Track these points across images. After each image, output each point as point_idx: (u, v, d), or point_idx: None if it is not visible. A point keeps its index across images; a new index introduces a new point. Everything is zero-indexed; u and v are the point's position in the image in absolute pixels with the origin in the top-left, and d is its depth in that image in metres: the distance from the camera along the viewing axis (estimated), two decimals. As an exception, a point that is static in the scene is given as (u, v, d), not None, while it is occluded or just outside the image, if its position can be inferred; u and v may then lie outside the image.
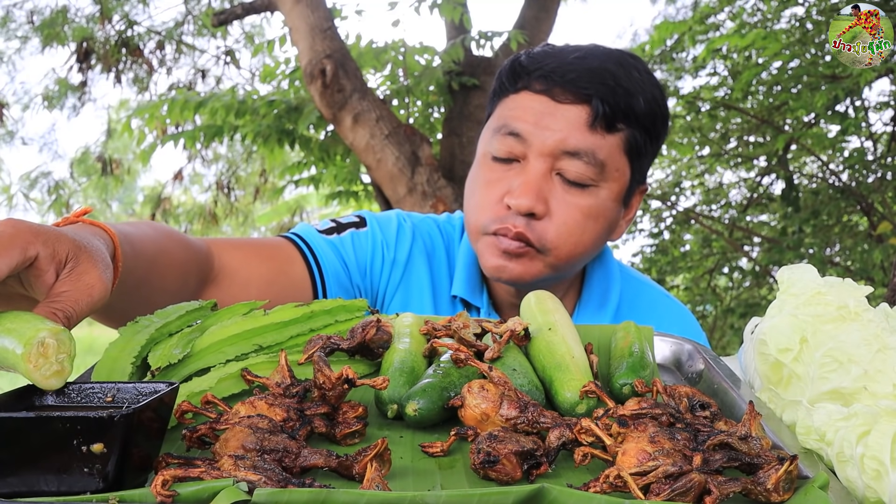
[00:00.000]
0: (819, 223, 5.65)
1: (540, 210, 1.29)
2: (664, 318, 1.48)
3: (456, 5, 4.48)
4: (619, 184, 1.34)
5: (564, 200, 1.31)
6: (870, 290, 0.91)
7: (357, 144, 4.32)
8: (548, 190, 1.30)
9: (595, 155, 1.29)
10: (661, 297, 1.55)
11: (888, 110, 5.70)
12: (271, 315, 1.01)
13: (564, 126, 1.29)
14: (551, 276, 1.37)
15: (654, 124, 1.35)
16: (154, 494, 0.60)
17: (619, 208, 1.38)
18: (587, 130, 1.29)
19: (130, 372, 0.89)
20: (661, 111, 1.37)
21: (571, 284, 1.48)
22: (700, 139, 6.40)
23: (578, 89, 1.29)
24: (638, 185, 1.41)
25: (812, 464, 0.75)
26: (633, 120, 1.32)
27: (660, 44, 5.98)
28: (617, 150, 1.32)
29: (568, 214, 1.31)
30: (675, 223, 6.65)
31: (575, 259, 1.36)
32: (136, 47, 6.54)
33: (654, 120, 1.35)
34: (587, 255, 1.38)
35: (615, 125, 1.31)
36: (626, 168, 1.34)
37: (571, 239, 1.32)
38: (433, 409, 0.83)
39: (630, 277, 1.55)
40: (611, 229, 1.39)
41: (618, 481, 0.66)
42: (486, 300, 1.45)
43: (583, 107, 1.29)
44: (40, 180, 7.79)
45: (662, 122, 1.38)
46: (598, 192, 1.32)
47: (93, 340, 16.54)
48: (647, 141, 1.35)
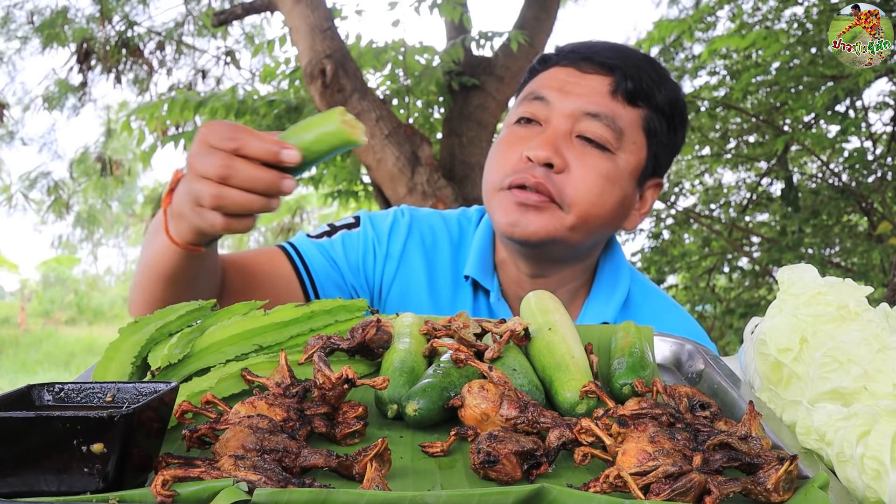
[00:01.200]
0: (819, 223, 5.65)
1: (558, 163, 1.31)
2: (669, 323, 1.47)
3: (456, 5, 4.48)
4: (637, 158, 1.36)
5: (583, 159, 1.32)
6: (870, 290, 0.91)
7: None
8: (567, 148, 1.33)
9: (615, 120, 1.34)
10: (668, 303, 1.55)
11: (888, 110, 5.70)
12: (271, 315, 1.01)
13: (587, 91, 1.35)
14: (565, 243, 1.35)
15: (673, 117, 1.40)
16: (154, 494, 0.60)
17: (634, 188, 1.39)
18: (609, 97, 1.34)
19: (130, 372, 0.89)
20: (680, 108, 1.42)
21: (584, 277, 1.48)
22: (700, 139, 6.40)
23: (604, 60, 1.36)
24: (653, 176, 1.43)
25: (812, 464, 0.75)
26: (654, 104, 1.37)
27: (659, 41, 5.98)
28: (636, 124, 1.36)
29: (586, 172, 1.32)
30: (675, 223, 6.65)
31: (593, 221, 1.34)
32: (136, 48, 6.54)
33: (674, 113, 1.40)
34: (604, 222, 1.36)
35: (636, 101, 1.36)
36: (644, 146, 1.37)
37: (590, 196, 1.32)
38: (433, 409, 0.83)
39: (640, 279, 1.56)
40: (625, 209, 1.39)
41: (618, 481, 0.66)
42: (496, 284, 1.46)
43: (606, 77, 1.36)
44: (40, 180, 7.79)
45: (681, 119, 1.43)
46: (616, 159, 1.34)
47: (93, 340, 16.53)
48: (666, 130, 1.39)
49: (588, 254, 1.46)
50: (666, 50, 6.20)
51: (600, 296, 1.47)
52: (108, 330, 17.84)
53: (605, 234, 1.43)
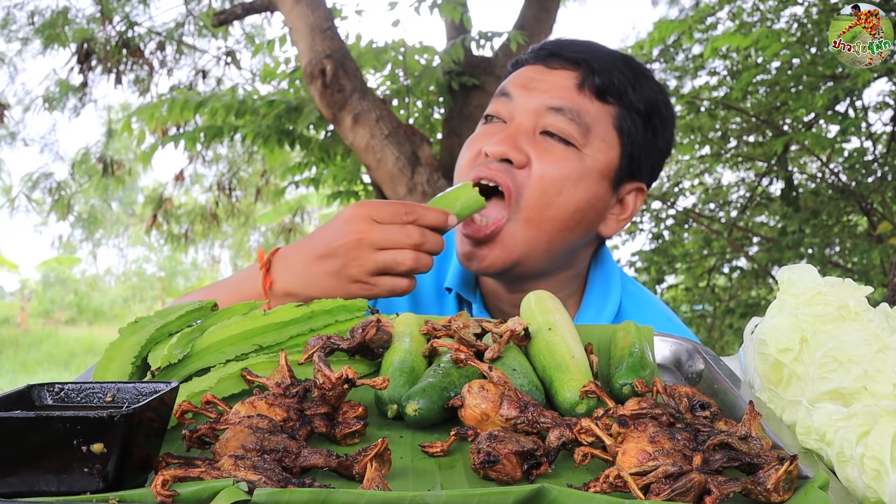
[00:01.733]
0: (819, 223, 5.65)
1: (517, 158, 1.27)
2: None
3: (456, 5, 4.48)
4: (607, 156, 1.30)
5: (545, 154, 1.27)
6: (870, 290, 0.91)
7: (357, 144, 4.32)
8: (529, 144, 1.28)
9: (580, 114, 1.28)
10: (661, 313, 1.49)
11: (888, 110, 5.70)
12: (271, 315, 1.01)
13: (551, 87, 1.30)
14: (531, 258, 1.30)
15: (650, 117, 1.33)
16: (154, 494, 0.60)
17: (607, 189, 1.32)
18: (575, 91, 1.30)
19: (130, 372, 0.89)
20: (660, 110, 1.36)
21: (571, 287, 1.44)
22: (700, 139, 6.40)
23: (571, 55, 1.32)
24: (632, 180, 1.36)
25: (812, 464, 0.75)
26: (628, 102, 1.31)
27: (659, 42, 5.98)
28: (605, 120, 1.30)
29: (547, 168, 1.26)
30: (675, 223, 6.65)
31: (548, 223, 1.28)
32: (136, 48, 6.54)
33: (652, 113, 1.34)
34: (566, 224, 1.29)
35: (605, 97, 1.30)
36: (616, 144, 1.31)
37: (546, 195, 1.26)
38: (433, 409, 0.83)
39: (631, 288, 1.50)
40: (596, 211, 1.32)
41: (618, 481, 0.66)
42: (478, 296, 1.44)
43: (573, 71, 1.31)
44: (41, 181, 7.80)
45: (662, 120, 1.36)
46: (582, 158, 1.28)
47: (93, 340, 16.52)
48: (642, 130, 1.33)
49: (569, 262, 1.40)
50: (666, 50, 6.19)
51: (591, 307, 1.43)
52: (108, 330, 17.84)
53: (576, 238, 1.35)
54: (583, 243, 1.38)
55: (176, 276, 24.38)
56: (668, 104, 1.39)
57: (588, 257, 1.45)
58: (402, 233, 1.19)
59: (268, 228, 12.40)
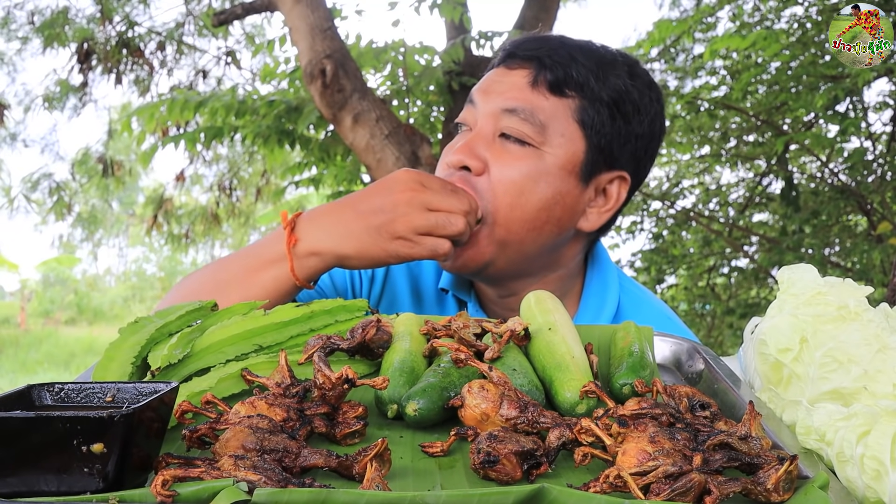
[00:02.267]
0: (819, 223, 5.65)
1: (474, 165, 1.27)
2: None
3: (456, 5, 4.48)
4: (568, 151, 1.28)
5: (503, 158, 1.27)
6: (870, 291, 0.91)
7: (357, 144, 4.32)
8: (487, 149, 1.28)
9: (534, 113, 1.27)
10: (660, 313, 1.46)
11: (888, 110, 5.70)
12: (271, 315, 1.01)
13: (507, 88, 1.30)
14: (501, 257, 1.30)
15: (619, 105, 1.30)
16: (154, 494, 0.60)
17: (575, 185, 1.30)
18: (528, 89, 1.28)
19: (130, 372, 0.89)
20: (631, 95, 1.32)
21: (566, 288, 1.42)
22: (700, 139, 6.40)
23: (525, 52, 1.31)
24: (610, 169, 1.33)
25: (812, 464, 0.75)
26: (589, 92, 1.28)
27: (659, 42, 5.98)
28: (564, 115, 1.28)
29: (503, 170, 1.27)
30: (675, 223, 6.65)
31: (515, 224, 1.27)
32: (136, 48, 6.54)
33: (621, 101, 1.30)
34: (533, 224, 1.28)
35: (562, 90, 1.28)
36: (579, 138, 1.28)
37: (507, 198, 1.26)
38: (433, 409, 0.83)
39: (630, 288, 1.47)
40: (565, 209, 1.30)
41: (618, 481, 0.66)
42: (473, 296, 1.44)
43: (527, 69, 1.30)
44: (42, 182, 7.79)
45: (634, 107, 1.32)
46: (541, 156, 1.27)
47: (93, 340, 16.52)
48: (612, 119, 1.30)
49: (555, 262, 1.38)
50: (666, 50, 6.19)
51: (589, 308, 1.41)
52: (108, 330, 17.84)
53: (549, 236, 1.32)
54: (562, 241, 1.35)
55: (176, 276, 24.37)
56: (642, 89, 1.33)
57: (576, 256, 1.42)
58: (454, 197, 1.22)
59: (268, 228, 12.40)
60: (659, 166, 7.13)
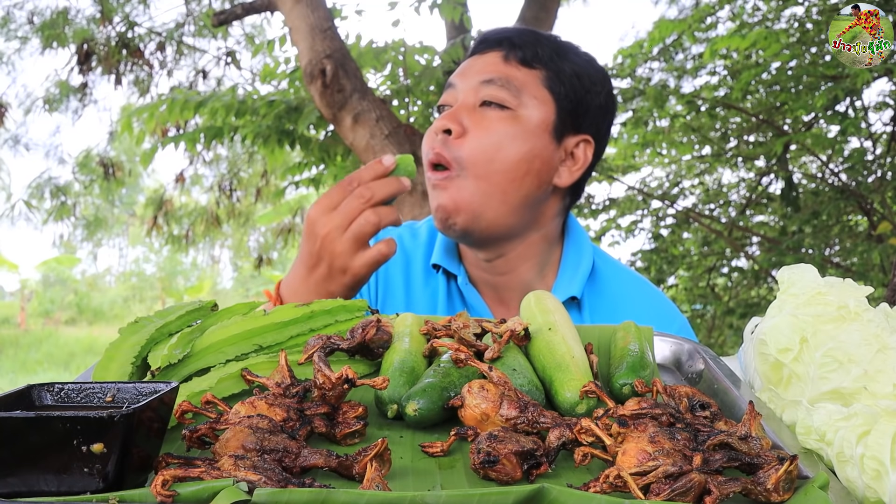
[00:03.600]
0: (819, 223, 5.64)
1: (455, 128, 1.41)
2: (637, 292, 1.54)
3: (456, 5, 4.48)
4: (542, 112, 1.43)
5: (482, 122, 1.41)
6: (870, 290, 0.91)
7: (357, 144, 4.32)
8: (469, 116, 1.42)
9: (509, 80, 1.43)
10: (634, 275, 1.61)
11: (888, 110, 5.70)
12: (271, 315, 1.01)
13: (482, 66, 1.46)
14: (487, 210, 1.41)
15: (580, 78, 1.47)
16: (154, 494, 0.60)
17: (549, 142, 1.44)
18: (502, 63, 1.45)
19: (130, 372, 0.89)
20: (588, 70, 1.49)
21: (546, 253, 1.54)
22: (700, 139, 6.40)
23: (495, 37, 1.49)
24: (577, 133, 1.47)
25: (812, 464, 0.75)
26: (553, 66, 1.45)
27: (659, 41, 5.98)
28: (535, 82, 1.44)
29: (482, 132, 1.40)
30: (675, 223, 6.65)
31: (495, 176, 1.39)
32: (136, 48, 6.54)
33: (582, 76, 1.47)
34: (514, 175, 1.40)
35: (531, 63, 1.45)
36: (549, 101, 1.44)
37: (486, 154, 1.39)
38: (433, 409, 0.83)
39: (603, 254, 1.61)
40: (543, 163, 1.44)
41: (618, 481, 0.66)
42: (462, 270, 1.55)
43: (499, 50, 1.47)
44: (45, 186, 7.79)
45: (592, 81, 1.49)
46: (517, 115, 1.42)
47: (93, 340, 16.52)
48: (574, 90, 1.46)
49: (535, 220, 1.49)
50: (666, 50, 6.19)
51: (567, 272, 1.53)
52: (108, 330, 17.85)
53: (530, 189, 1.44)
54: (542, 196, 1.47)
55: (176, 276, 24.39)
56: (595, 69, 1.51)
57: (555, 217, 1.53)
58: (352, 200, 1.27)
59: (268, 228, 12.41)
60: (660, 166, 7.14)
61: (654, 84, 5.86)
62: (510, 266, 1.50)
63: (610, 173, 6.61)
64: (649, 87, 5.65)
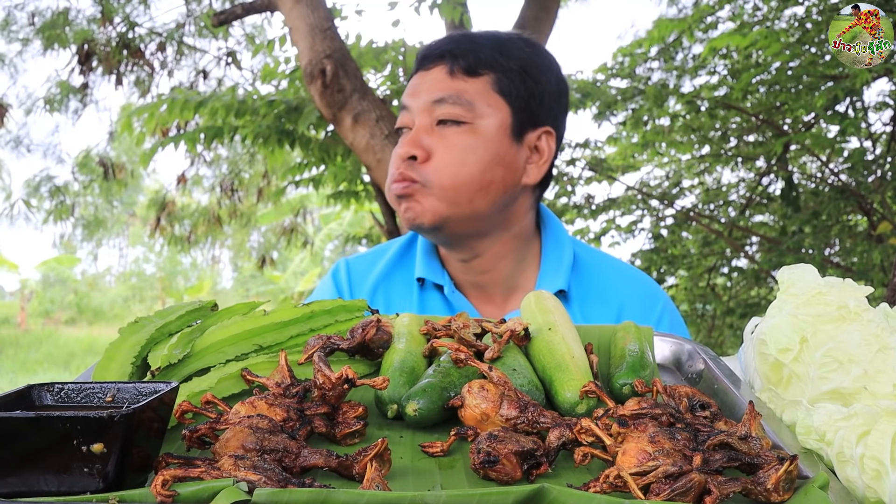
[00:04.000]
0: (819, 223, 5.64)
1: (419, 154, 1.43)
2: (623, 285, 1.55)
3: (456, 5, 4.48)
4: (498, 118, 1.45)
5: (442, 141, 1.43)
6: (870, 290, 0.91)
7: (357, 144, 4.32)
8: (429, 137, 1.44)
9: (460, 96, 1.44)
10: (619, 263, 1.63)
11: (887, 110, 5.70)
12: (271, 315, 1.01)
13: (430, 84, 1.47)
14: (456, 214, 1.43)
15: (527, 70, 1.47)
16: (154, 494, 0.60)
17: (510, 145, 1.46)
18: (449, 79, 1.46)
19: (130, 372, 0.89)
20: (534, 60, 1.49)
21: (523, 249, 1.55)
22: (700, 139, 6.39)
23: (436, 51, 1.49)
24: (536, 127, 1.48)
25: (812, 464, 0.75)
26: (498, 66, 1.46)
27: (658, 41, 5.97)
28: (485, 89, 1.46)
29: (444, 151, 1.43)
30: (675, 223, 6.64)
31: (462, 188, 1.42)
32: (137, 49, 6.54)
33: (527, 67, 1.47)
34: (481, 184, 1.43)
35: (477, 71, 1.46)
36: (502, 105, 1.46)
37: (450, 170, 1.42)
38: (433, 409, 0.83)
39: (585, 247, 1.63)
40: (507, 167, 1.45)
41: (618, 481, 0.66)
42: (447, 278, 1.55)
43: (442, 65, 1.48)
44: (43, 185, 7.79)
45: (538, 69, 1.49)
46: (475, 128, 1.44)
47: (93, 340, 16.52)
48: (524, 83, 1.47)
49: (507, 220, 1.50)
50: (666, 49, 6.19)
51: (549, 266, 1.54)
52: (108, 330, 17.85)
53: (498, 194, 1.46)
54: (511, 198, 1.49)
55: (176, 276, 24.39)
56: (541, 55, 1.52)
57: (527, 213, 1.55)
58: None
59: (268, 228, 12.40)
60: (659, 166, 7.14)
61: (654, 83, 5.86)
62: (488, 265, 1.52)
63: (610, 173, 6.61)
64: (649, 87, 5.65)
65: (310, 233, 11.76)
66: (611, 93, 5.75)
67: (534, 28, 4.74)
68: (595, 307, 1.50)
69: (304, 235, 9.03)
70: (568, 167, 6.42)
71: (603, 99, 5.55)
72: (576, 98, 5.30)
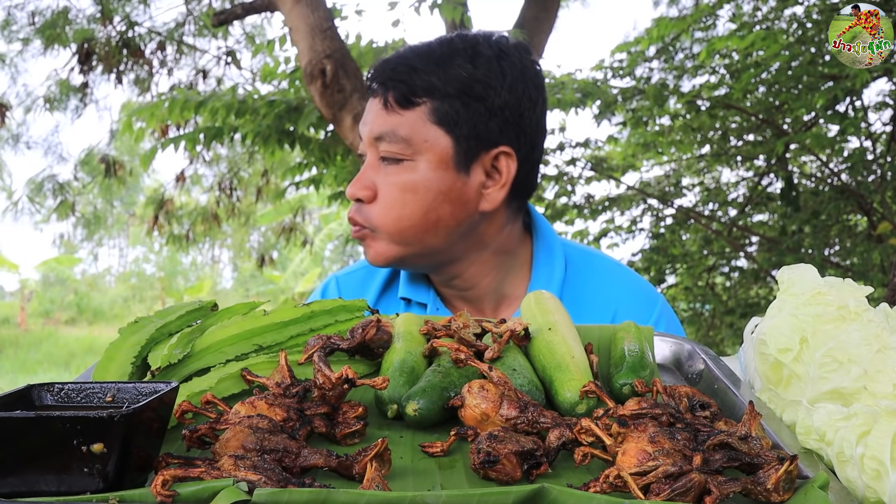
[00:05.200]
0: (819, 223, 5.64)
1: (364, 195, 1.39)
2: (617, 289, 1.49)
3: (456, 5, 4.48)
4: (436, 152, 1.37)
5: (386, 180, 1.39)
6: (870, 290, 0.91)
7: (357, 144, 4.32)
8: (376, 174, 1.40)
9: (395, 133, 1.37)
10: (613, 266, 1.55)
11: (887, 110, 5.70)
12: (271, 315, 1.01)
13: (371, 117, 1.41)
14: (411, 253, 1.40)
15: (466, 91, 1.36)
16: (154, 494, 0.60)
17: (454, 177, 1.37)
18: (384, 114, 1.39)
19: (130, 372, 0.89)
20: (476, 76, 1.37)
21: (507, 262, 1.49)
22: (700, 138, 6.39)
23: (376, 80, 1.42)
24: (488, 149, 1.38)
25: (812, 464, 0.75)
26: (435, 92, 1.37)
27: (658, 40, 5.97)
28: (421, 122, 1.37)
29: (386, 191, 1.38)
30: (675, 223, 6.65)
31: (407, 231, 1.38)
32: (137, 48, 6.54)
33: (467, 87, 1.36)
34: (421, 226, 1.37)
35: (410, 101, 1.37)
36: (441, 136, 1.36)
37: (391, 214, 1.37)
38: (433, 409, 0.83)
39: (577, 250, 1.55)
40: (454, 201, 1.37)
41: (618, 481, 0.66)
42: (432, 296, 1.51)
43: (378, 96, 1.41)
44: (46, 183, 7.79)
45: (483, 86, 1.37)
46: (416, 166, 1.37)
47: (93, 340, 16.53)
48: (466, 106, 1.36)
49: (479, 243, 1.44)
50: (665, 49, 6.19)
51: (541, 275, 1.48)
52: (108, 330, 17.85)
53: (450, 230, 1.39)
54: (469, 228, 1.41)
55: (176, 276, 24.40)
56: (488, 65, 1.38)
57: (501, 231, 1.46)
58: None
59: (268, 228, 12.41)
60: (658, 163, 7.14)
61: (654, 83, 5.86)
62: (470, 282, 1.47)
63: (610, 173, 6.61)
64: (649, 87, 5.66)
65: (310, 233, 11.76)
66: (611, 92, 5.75)
67: (534, 28, 4.74)
68: (588, 313, 1.44)
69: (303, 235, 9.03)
70: (568, 167, 6.43)
71: (603, 99, 5.55)
72: (576, 98, 5.30)
